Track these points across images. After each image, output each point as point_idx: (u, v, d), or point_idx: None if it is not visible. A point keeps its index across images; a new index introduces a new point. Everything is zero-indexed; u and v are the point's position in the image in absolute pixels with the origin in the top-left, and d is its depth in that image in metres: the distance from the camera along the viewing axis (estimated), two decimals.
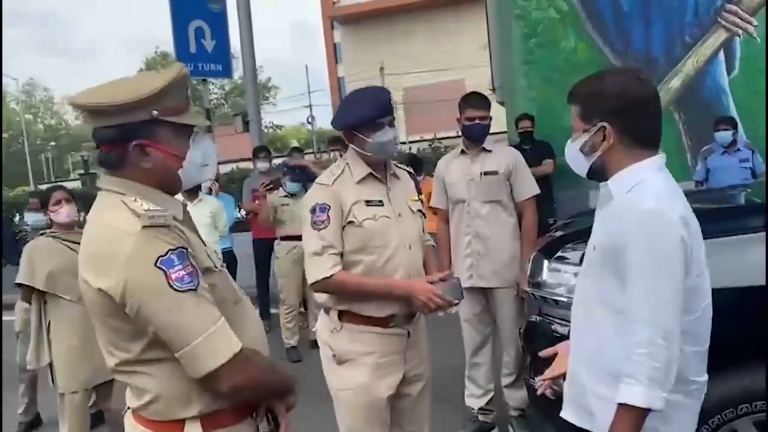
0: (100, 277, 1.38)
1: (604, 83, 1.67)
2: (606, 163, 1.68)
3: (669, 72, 6.93)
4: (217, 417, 1.48)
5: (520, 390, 3.56)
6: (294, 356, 5.61)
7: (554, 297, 2.87)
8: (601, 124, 1.64)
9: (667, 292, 1.51)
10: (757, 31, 6.69)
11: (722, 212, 3.40)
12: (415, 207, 2.49)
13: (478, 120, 3.50)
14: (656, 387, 1.49)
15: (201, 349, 1.38)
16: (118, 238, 1.38)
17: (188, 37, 8.96)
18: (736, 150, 6.15)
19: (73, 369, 3.44)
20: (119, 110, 1.42)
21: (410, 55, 36.69)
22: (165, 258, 1.36)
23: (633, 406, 1.50)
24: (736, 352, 2.28)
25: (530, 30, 7.29)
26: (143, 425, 1.51)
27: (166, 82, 1.46)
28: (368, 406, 2.35)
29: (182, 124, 1.51)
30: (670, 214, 1.53)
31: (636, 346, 1.51)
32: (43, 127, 56.11)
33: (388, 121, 2.34)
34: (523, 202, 3.57)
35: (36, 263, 3.47)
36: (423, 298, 2.27)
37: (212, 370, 1.39)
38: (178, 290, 1.36)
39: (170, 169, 1.51)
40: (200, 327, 1.38)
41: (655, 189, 1.58)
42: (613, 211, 1.64)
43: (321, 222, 2.31)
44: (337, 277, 2.30)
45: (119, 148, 1.46)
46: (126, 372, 1.48)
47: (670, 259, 1.52)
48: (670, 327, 1.51)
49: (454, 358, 4.05)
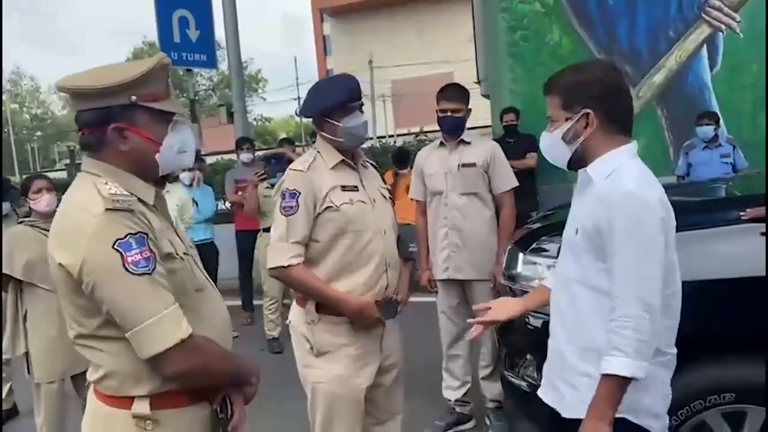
0: (62, 253, 1.44)
1: (585, 72, 1.76)
2: (586, 149, 1.75)
3: (652, 66, 6.95)
4: (166, 398, 1.54)
5: (497, 382, 3.56)
6: (275, 347, 5.62)
7: (529, 289, 2.87)
8: (585, 110, 1.72)
9: (650, 269, 1.61)
10: (740, 27, 6.72)
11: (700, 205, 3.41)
12: (387, 194, 2.52)
13: (450, 112, 3.49)
14: (640, 358, 1.58)
15: (149, 332, 1.43)
16: (82, 218, 1.44)
17: (172, 26, 8.89)
18: (718, 145, 6.17)
19: (49, 359, 3.41)
20: (100, 93, 1.48)
21: (399, 47, 36.63)
22: (123, 241, 1.41)
23: (618, 376, 1.58)
24: (706, 343, 2.31)
25: (515, 23, 7.28)
26: (99, 399, 1.58)
27: (147, 68, 1.52)
28: (347, 397, 2.36)
29: (161, 111, 1.57)
30: (649, 196, 1.63)
31: (623, 320, 1.60)
32: (29, 116, 55.53)
33: (358, 105, 2.35)
34: (500, 194, 3.57)
35: (14, 252, 3.43)
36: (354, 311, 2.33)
37: (158, 353, 1.44)
38: (133, 273, 1.41)
39: (147, 153, 1.56)
40: (150, 310, 1.43)
41: (634, 173, 1.67)
42: (595, 196, 1.71)
43: (290, 208, 2.31)
44: (294, 271, 2.32)
45: (99, 130, 1.52)
46: (83, 346, 1.54)
47: (652, 237, 1.61)
48: (653, 301, 1.60)
49: (431, 349, 4.06)
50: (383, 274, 2.40)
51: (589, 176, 1.74)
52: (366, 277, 2.35)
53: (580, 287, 1.75)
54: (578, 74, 1.76)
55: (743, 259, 2.33)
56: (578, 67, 1.80)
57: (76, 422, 3.58)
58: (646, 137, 6.92)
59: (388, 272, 2.41)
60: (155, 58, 1.58)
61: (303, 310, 2.41)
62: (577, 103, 1.73)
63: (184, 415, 1.57)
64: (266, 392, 4.42)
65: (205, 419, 1.62)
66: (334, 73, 23.97)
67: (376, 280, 2.38)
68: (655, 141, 6.93)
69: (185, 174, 5.90)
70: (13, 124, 44.70)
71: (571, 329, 1.79)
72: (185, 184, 5.92)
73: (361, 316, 2.32)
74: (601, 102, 1.71)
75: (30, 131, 53.43)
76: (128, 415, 1.52)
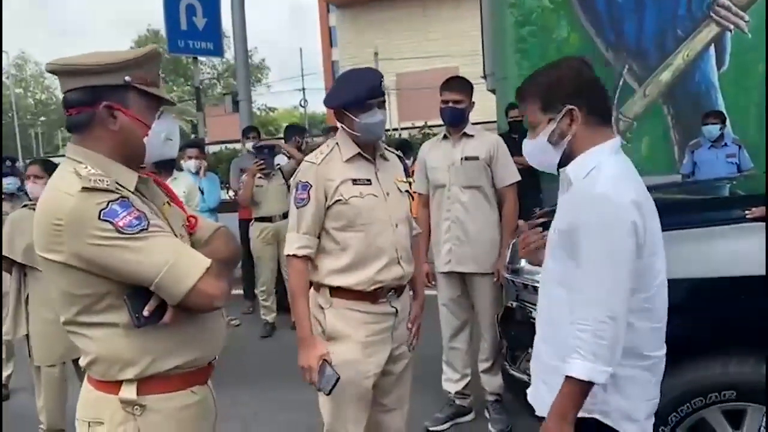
0: (51, 253, 1.46)
1: (557, 71, 1.74)
2: (573, 148, 1.72)
3: (659, 64, 6.93)
4: (153, 383, 1.55)
5: (497, 375, 3.58)
6: (264, 332, 5.76)
7: (532, 283, 2.88)
8: (568, 107, 1.69)
9: (614, 274, 1.58)
10: (748, 27, 6.69)
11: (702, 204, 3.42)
12: (403, 187, 2.52)
13: (451, 103, 3.49)
14: (600, 362, 1.56)
15: (170, 277, 1.45)
16: (60, 199, 1.44)
17: (179, 14, 8.88)
18: (723, 145, 6.12)
19: (48, 342, 3.44)
20: (93, 71, 1.50)
21: (405, 41, 36.46)
22: (106, 210, 1.42)
23: (576, 379, 1.58)
24: (707, 341, 2.32)
25: (523, 18, 7.27)
26: (90, 384, 1.61)
27: (142, 52, 1.55)
28: (355, 383, 2.37)
29: (152, 96, 1.58)
30: (621, 197, 1.58)
31: (581, 322, 1.59)
32: (33, 101, 55.50)
33: (377, 102, 2.36)
34: (503, 188, 3.57)
35: (14, 236, 3.45)
36: (303, 363, 2.32)
37: (188, 289, 1.47)
38: (130, 235, 1.43)
39: (135, 134, 1.57)
40: (162, 259, 1.45)
41: (608, 173, 1.63)
42: (571, 196, 1.70)
43: (301, 200, 2.36)
44: (295, 263, 2.37)
45: (88, 108, 1.52)
46: (71, 332, 1.56)
47: (619, 242, 1.58)
48: (615, 307, 1.57)
49: (430, 342, 4.05)
50: (396, 266, 2.41)
51: (568, 176, 1.73)
52: (377, 269, 2.37)
53: (557, 287, 1.74)
54: (550, 74, 1.74)
55: (746, 257, 2.33)
56: (548, 68, 1.77)
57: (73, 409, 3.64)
58: (651, 135, 6.92)
59: (401, 263, 2.43)
60: (148, 46, 1.61)
61: (318, 293, 2.43)
62: (557, 101, 1.70)
63: (172, 400, 1.58)
64: (269, 384, 4.47)
65: (195, 405, 1.63)
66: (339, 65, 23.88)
67: (388, 272, 2.39)
68: (661, 139, 6.93)
69: (191, 162, 5.93)
70: (18, 109, 44.67)
71: (548, 328, 1.80)
72: (191, 172, 5.94)
73: (301, 364, 2.32)
74: (580, 97, 1.68)
75: (34, 116, 53.41)
76: (116, 400, 1.53)
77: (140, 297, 1.49)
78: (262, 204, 5.66)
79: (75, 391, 3.52)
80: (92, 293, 1.48)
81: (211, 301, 1.53)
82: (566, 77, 1.70)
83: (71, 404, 3.54)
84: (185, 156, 5.92)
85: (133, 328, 1.50)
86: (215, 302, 1.54)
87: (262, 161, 5.54)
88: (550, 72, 1.75)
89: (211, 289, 1.50)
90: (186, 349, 1.59)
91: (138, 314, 1.48)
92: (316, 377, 2.30)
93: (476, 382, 3.78)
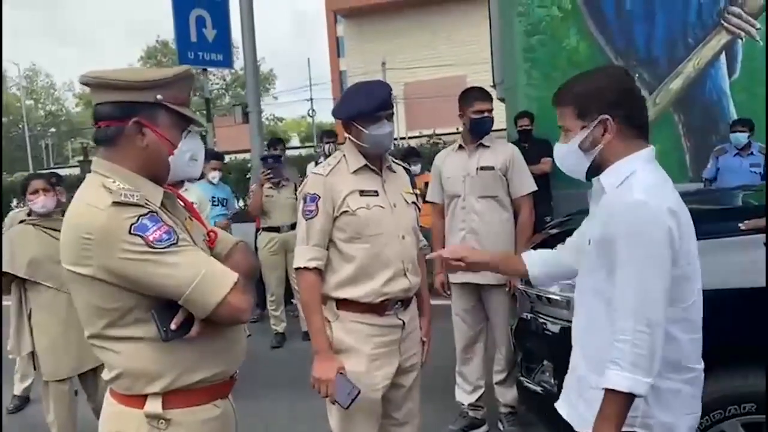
0: (79, 267, 1.46)
1: (598, 78, 1.73)
2: (604, 157, 1.71)
3: (670, 73, 6.89)
4: (178, 397, 1.56)
5: (511, 388, 3.55)
6: (275, 342, 5.79)
7: (547, 295, 2.87)
8: (602, 116, 1.68)
9: (652, 282, 1.55)
10: (759, 34, 6.65)
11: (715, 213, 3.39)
12: (410, 199, 2.52)
13: (486, 113, 3.50)
14: (640, 373, 1.54)
15: (200, 291, 1.47)
16: (91, 213, 1.45)
17: (189, 25, 8.95)
18: (749, 153, 6.15)
19: (57, 356, 3.43)
20: (127, 87, 1.52)
21: (412, 50, 36.59)
22: (137, 224, 1.44)
23: (617, 391, 1.54)
24: (725, 353, 2.29)
25: (532, 27, 7.25)
26: (113, 397, 1.61)
27: (175, 73, 1.58)
28: (364, 396, 2.34)
29: (180, 116, 1.60)
30: (657, 205, 1.57)
31: (620, 333, 1.57)
32: (44, 113, 55.95)
33: (386, 115, 2.37)
34: (519, 198, 3.56)
35: (15, 251, 3.43)
36: (321, 375, 2.30)
37: (218, 302, 1.48)
38: (160, 250, 1.44)
39: (162, 152, 1.59)
40: (192, 274, 1.47)
41: (645, 181, 1.62)
42: (605, 205, 1.67)
43: (310, 212, 2.36)
44: (306, 276, 2.36)
45: (118, 123, 1.54)
46: (96, 346, 1.57)
47: (657, 249, 1.55)
48: (653, 316, 1.55)
49: (443, 352, 4.04)
50: (402, 278, 2.41)
51: (601, 185, 1.71)
52: (383, 280, 2.36)
53: (594, 299, 1.72)
54: (592, 81, 1.72)
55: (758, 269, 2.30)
56: (590, 74, 1.76)
57: (84, 421, 3.62)
58: (662, 144, 6.86)
59: (407, 275, 2.42)
60: (184, 67, 1.65)
61: (324, 306, 2.42)
62: (593, 110, 1.68)
63: (195, 414, 1.59)
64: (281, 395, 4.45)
65: (218, 418, 1.64)
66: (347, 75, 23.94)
67: (395, 284, 2.39)
68: (672, 148, 6.88)
69: (215, 173, 5.97)
70: (28, 120, 45.03)
71: (586, 341, 1.78)
72: (212, 183, 5.97)
73: (318, 376, 2.31)
74: (618, 107, 1.67)
75: (44, 128, 53.84)
76: (141, 414, 1.54)
77: (167, 311, 1.50)
78: (271, 214, 5.69)
79: (82, 403, 3.55)
80: (120, 307, 1.48)
81: (239, 315, 1.55)
82: (604, 87, 1.69)
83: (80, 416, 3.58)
84: (208, 167, 5.92)
85: (159, 342, 1.51)
86: (243, 316, 1.56)
87: (269, 171, 5.55)
88: (588, 79, 1.74)
89: (239, 303, 1.52)
90: (211, 363, 1.60)
91: (165, 328, 1.49)
92: (333, 389, 2.28)
93: (490, 393, 3.76)
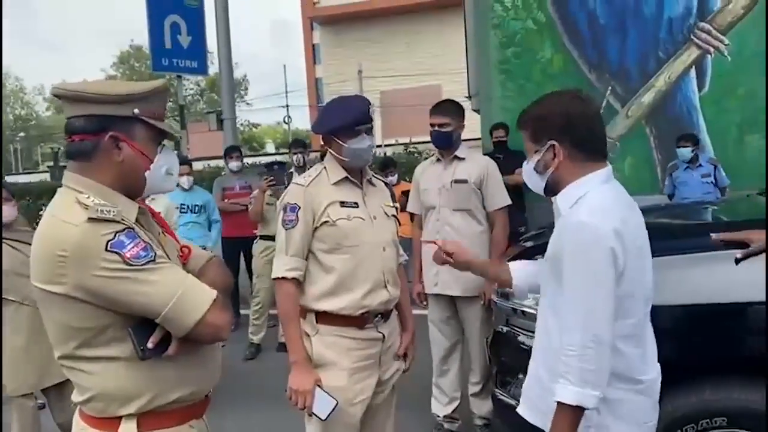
0: (52, 285, 1.41)
1: (548, 105, 1.80)
2: (558, 178, 1.78)
3: (642, 86, 7.04)
4: (153, 418, 1.52)
5: (486, 400, 3.56)
6: (249, 354, 5.67)
7: (522, 308, 2.88)
8: (550, 142, 1.75)
9: (595, 300, 1.61)
10: (728, 50, 6.83)
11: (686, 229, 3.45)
12: (390, 212, 2.53)
13: (437, 126, 3.52)
14: (588, 387, 1.59)
15: (178, 309, 1.44)
16: (64, 230, 1.40)
17: (164, 32, 8.87)
18: (698, 165, 6.47)
19: (20, 371, 3.33)
20: (103, 101, 1.49)
21: (389, 59, 36.71)
22: (114, 241, 1.40)
23: (567, 404, 1.60)
24: (695, 367, 2.32)
25: (507, 39, 7.33)
26: (84, 421, 1.55)
27: (153, 87, 1.56)
28: (342, 410, 2.33)
29: (157, 130, 1.58)
30: (601, 226, 1.62)
31: (568, 348, 1.62)
32: (13, 117, 54.94)
33: (365, 129, 2.37)
34: (494, 211, 3.58)
35: None
36: (298, 386, 2.28)
37: (197, 320, 1.46)
38: (137, 267, 1.41)
39: (138, 167, 1.55)
40: (170, 292, 1.44)
41: (592, 202, 1.68)
42: (558, 225, 1.75)
43: (290, 221, 2.35)
44: (285, 286, 2.35)
45: (93, 137, 1.50)
46: (67, 368, 1.52)
47: (599, 268, 1.61)
48: (600, 332, 1.60)
49: (419, 362, 4.04)
50: (382, 290, 2.40)
51: (557, 206, 1.78)
52: (363, 292, 2.36)
53: (550, 313, 1.78)
54: (543, 107, 1.79)
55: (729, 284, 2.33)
56: (543, 99, 1.83)
57: None
58: (634, 156, 7.00)
59: (388, 287, 2.42)
60: (159, 81, 1.63)
61: (304, 320, 2.40)
62: (543, 135, 1.76)
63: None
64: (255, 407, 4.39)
65: None
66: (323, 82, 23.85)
67: (375, 296, 2.38)
68: (643, 160, 7.02)
69: (184, 178, 5.87)
70: None
71: (545, 354, 1.82)
72: (184, 189, 5.91)
73: (296, 388, 2.29)
74: (566, 134, 1.73)
75: (13, 132, 52.85)
76: None
77: (144, 328, 1.46)
78: (270, 222, 5.47)
79: (47, 419, 3.46)
80: (94, 326, 1.44)
81: (218, 333, 1.52)
82: (552, 113, 1.75)
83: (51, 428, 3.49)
84: None
85: (135, 361, 1.46)
86: (222, 333, 1.53)
87: (272, 178, 5.42)
88: (539, 106, 1.81)
89: (217, 321, 1.50)
90: (187, 382, 1.57)
91: (143, 346, 1.45)
92: (310, 401, 2.26)
93: (465, 405, 3.76)
